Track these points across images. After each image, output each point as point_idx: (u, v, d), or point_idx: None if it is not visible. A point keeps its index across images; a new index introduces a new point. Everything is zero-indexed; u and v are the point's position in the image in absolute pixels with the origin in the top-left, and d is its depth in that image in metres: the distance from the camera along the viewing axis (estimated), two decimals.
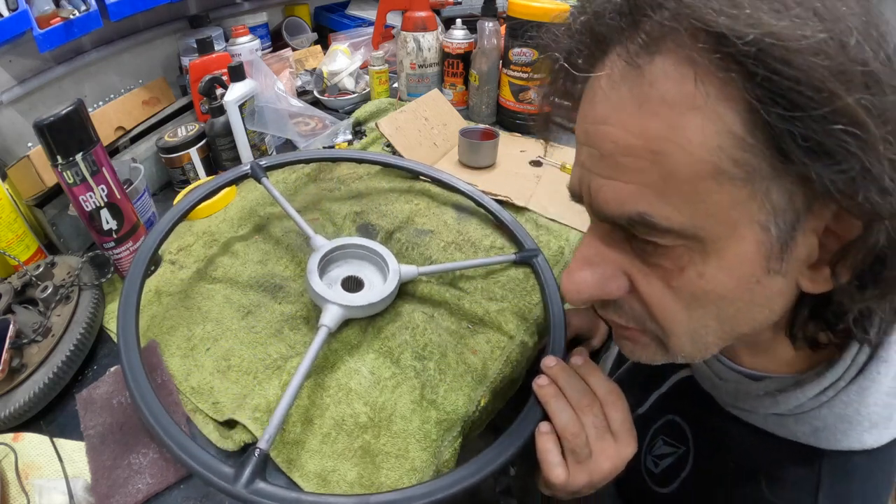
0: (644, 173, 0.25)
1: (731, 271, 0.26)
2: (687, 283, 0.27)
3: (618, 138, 0.25)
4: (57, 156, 0.52)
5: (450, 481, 0.40)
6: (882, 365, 0.32)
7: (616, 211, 0.27)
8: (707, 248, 0.26)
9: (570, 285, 0.31)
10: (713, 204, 0.24)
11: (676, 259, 0.27)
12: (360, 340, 0.58)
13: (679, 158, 0.23)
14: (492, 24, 0.98)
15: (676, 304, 0.28)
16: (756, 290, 0.27)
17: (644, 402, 0.51)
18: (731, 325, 0.29)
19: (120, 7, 0.82)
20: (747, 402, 0.37)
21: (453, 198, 0.81)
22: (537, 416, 0.47)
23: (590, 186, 0.28)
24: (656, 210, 0.25)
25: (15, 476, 0.44)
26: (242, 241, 0.72)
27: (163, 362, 0.55)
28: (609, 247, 0.30)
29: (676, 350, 0.31)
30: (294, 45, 1.26)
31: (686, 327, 0.29)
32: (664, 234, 0.26)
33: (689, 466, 0.43)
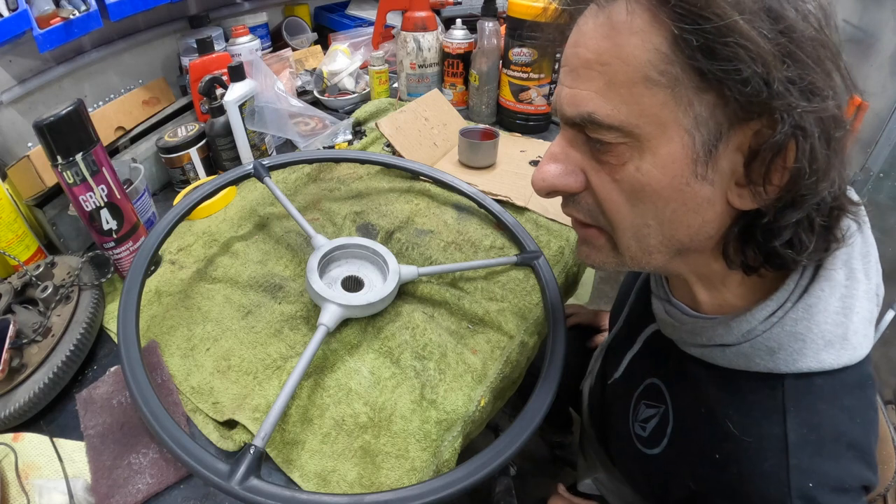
0: (594, 81, 0.32)
1: (663, 169, 0.32)
2: (627, 176, 0.33)
3: (581, 55, 0.33)
4: (57, 156, 0.52)
5: (448, 481, 0.41)
6: (825, 283, 0.35)
7: (573, 111, 0.33)
8: (643, 145, 0.31)
9: (538, 174, 0.37)
10: (645, 105, 0.30)
11: (619, 155, 0.33)
12: (360, 340, 0.58)
13: (618, 69, 0.31)
14: (492, 24, 0.98)
15: (620, 197, 0.34)
16: (686, 192, 0.32)
17: (619, 366, 0.53)
18: (670, 227, 0.34)
19: (120, 7, 0.82)
20: (704, 336, 0.39)
21: (453, 198, 0.81)
22: (537, 416, 0.47)
23: (559, 96, 0.35)
24: (601, 109, 0.32)
25: (15, 476, 0.44)
26: (242, 240, 0.72)
27: (163, 362, 0.55)
28: (571, 147, 0.36)
29: (623, 248, 0.36)
30: (294, 45, 1.26)
31: (630, 222, 0.35)
32: (608, 131, 0.32)
33: (672, 422, 0.44)
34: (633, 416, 0.50)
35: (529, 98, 0.99)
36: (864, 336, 0.35)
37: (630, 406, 0.51)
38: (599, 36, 0.31)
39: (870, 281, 0.36)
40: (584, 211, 0.37)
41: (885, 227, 1.12)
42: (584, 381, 0.77)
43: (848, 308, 0.34)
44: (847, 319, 0.34)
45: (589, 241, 0.39)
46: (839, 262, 0.35)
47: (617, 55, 0.30)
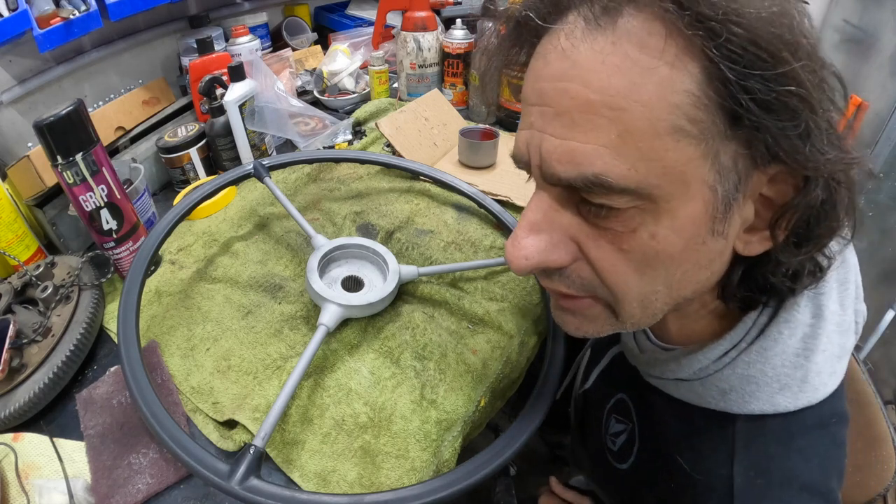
0: (601, 131, 0.24)
1: (681, 232, 0.27)
2: (638, 244, 0.27)
3: (576, 94, 0.25)
4: (57, 156, 0.52)
5: (448, 481, 0.41)
6: (784, 325, 0.32)
7: (571, 173, 0.26)
8: (660, 207, 0.26)
9: (516, 251, 0.29)
10: (669, 161, 0.24)
11: (628, 221, 0.27)
12: (359, 340, 0.58)
13: (638, 115, 0.24)
14: (492, 24, 0.98)
15: (627, 268, 0.28)
16: (701, 251, 0.28)
17: (588, 379, 0.53)
18: (678, 288, 0.30)
19: (120, 7, 0.82)
20: (658, 368, 0.38)
21: (453, 198, 0.81)
22: (537, 416, 0.47)
23: (540, 148, 0.27)
24: (613, 169, 0.25)
25: (15, 476, 0.44)
26: (242, 240, 0.72)
27: (163, 362, 0.55)
28: (557, 211, 0.29)
29: (626, 316, 0.31)
30: (294, 45, 1.26)
31: (637, 291, 0.29)
32: (619, 195, 0.25)
33: (637, 441, 0.44)
34: (605, 428, 0.50)
35: None
36: (829, 374, 0.33)
37: (602, 418, 0.50)
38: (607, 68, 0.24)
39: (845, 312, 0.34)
40: (575, 284, 0.31)
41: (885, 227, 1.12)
42: None
43: (810, 349, 0.32)
44: (808, 361, 0.32)
45: (579, 312, 0.33)
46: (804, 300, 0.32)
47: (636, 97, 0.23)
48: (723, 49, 0.22)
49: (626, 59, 0.24)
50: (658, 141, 0.24)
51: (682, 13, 0.22)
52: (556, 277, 0.31)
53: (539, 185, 0.30)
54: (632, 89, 0.23)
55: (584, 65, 0.25)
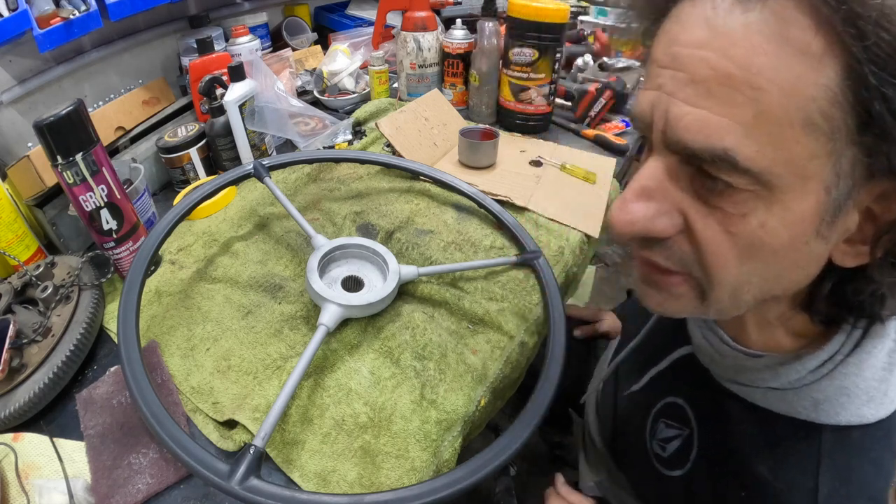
0: (738, 108, 0.24)
1: (790, 226, 0.26)
2: (746, 230, 0.27)
3: (717, 65, 0.24)
4: (57, 156, 0.52)
5: (448, 481, 0.41)
6: (877, 339, 0.33)
7: (699, 143, 0.25)
8: (775, 197, 0.25)
9: (622, 216, 0.29)
10: (795, 153, 0.24)
11: (741, 204, 0.26)
12: (359, 340, 0.58)
13: (776, 99, 0.23)
14: (492, 24, 0.98)
15: (731, 252, 0.28)
16: (803, 251, 0.27)
17: (640, 380, 0.51)
18: (771, 284, 0.30)
19: (120, 7, 0.82)
20: (747, 376, 0.37)
21: (453, 198, 0.81)
22: (537, 416, 0.47)
23: (668, 112, 0.26)
24: (742, 149, 0.24)
25: (15, 476, 0.44)
26: (242, 240, 0.72)
27: (163, 362, 0.55)
28: (670, 181, 0.28)
29: (714, 301, 0.30)
30: (294, 45, 1.26)
31: (733, 278, 0.29)
32: (741, 175, 0.25)
33: (696, 448, 0.43)
34: (650, 433, 0.49)
35: (529, 98, 0.99)
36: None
37: (647, 422, 0.49)
38: (752, 46, 0.23)
39: None
40: (672, 258, 0.30)
41: None
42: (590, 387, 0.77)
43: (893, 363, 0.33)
44: (891, 375, 0.33)
45: (665, 288, 0.33)
46: None
47: (777, 81, 0.23)
48: (870, 52, 0.22)
49: (773, 40, 0.23)
50: (789, 130, 0.24)
51: (838, 7, 0.22)
52: (656, 248, 0.31)
53: (656, 150, 0.29)
54: (774, 72, 0.23)
55: (728, 37, 0.24)
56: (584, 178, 0.88)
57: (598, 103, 1.06)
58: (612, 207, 0.30)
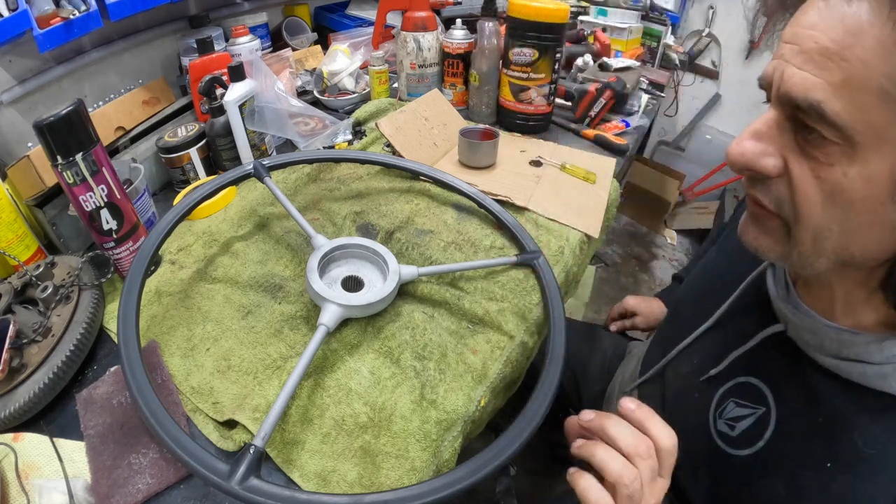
0: (829, 72, 0.31)
1: (868, 181, 0.32)
2: (832, 177, 0.33)
3: (818, 40, 0.31)
4: (57, 156, 0.52)
5: (448, 481, 0.41)
6: None
7: (799, 95, 0.32)
8: (856, 153, 0.31)
9: (736, 148, 0.36)
10: (872, 116, 0.30)
11: (829, 155, 0.32)
12: (359, 340, 0.58)
13: (858, 70, 0.30)
14: (492, 24, 0.98)
15: (817, 194, 0.34)
16: (879, 211, 0.32)
17: (721, 362, 0.52)
18: (849, 238, 0.34)
19: (120, 7, 0.82)
20: (853, 350, 0.39)
21: (453, 198, 0.81)
22: (537, 416, 0.47)
23: (783, 73, 0.34)
24: (830, 104, 0.31)
25: (15, 476, 0.44)
26: (242, 240, 0.72)
27: (163, 362, 0.55)
28: (778, 129, 0.35)
29: (798, 242, 0.36)
30: (294, 45, 1.26)
31: (816, 221, 0.35)
32: (829, 127, 0.31)
33: (773, 425, 0.44)
34: (714, 412, 0.50)
35: (529, 98, 0.99)
36: None
37: (711, 402, 0.51)
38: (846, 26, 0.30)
39: None
40: (771, 197, 0.37)
41: None
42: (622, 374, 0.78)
43: None
44: None
45: (762, 221, 0.39)
46: None
47: (860, 56, 0.30)
48: None
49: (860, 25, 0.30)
50: (868, 96, 0.30)
51: None
52: (759, 187, 0.38)
53: (772, 105, 0.36)
54: (858, 50, 0.29)
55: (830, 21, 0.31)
56: (584, 178, 0.88)
57: (598, 103, 1.07)
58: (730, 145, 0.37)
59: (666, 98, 1.78)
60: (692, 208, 2.28)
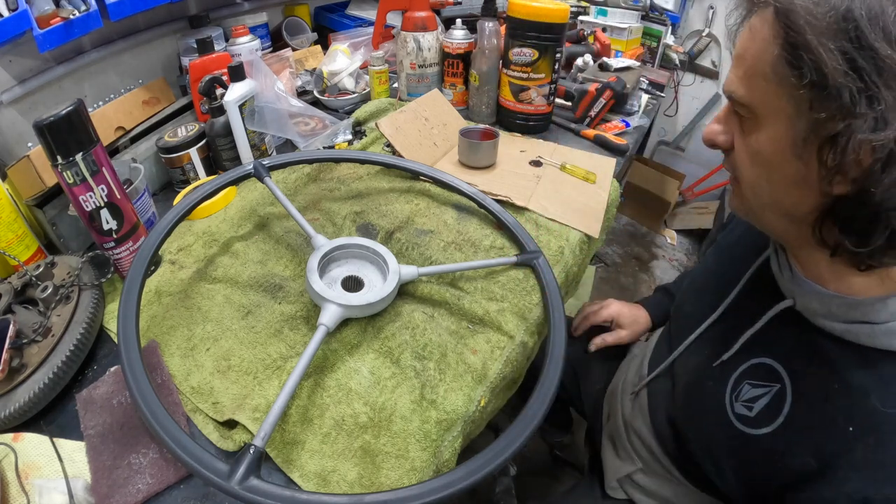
0: (738, 69, 0.42)
1: (771, 143, 0.41)
2: (750, 141, 0.43)
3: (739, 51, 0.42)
4: (57, 156, 0.52)
5: (448, 481, 0.41)
6: None
7: (727, 89, 0.43)
8: (760, 122, 0.41)
9: (706, 130, 0.48)
10: (763, 92, 0.40)
11: (748, 126, 0.43)
12: (359, 340, 0.58)
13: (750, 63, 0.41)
14: (492, 24, 0.98)
15: (744, 156, 0.44)
16: (787, 165, 0.40)
17: (731, 347, 0.54)
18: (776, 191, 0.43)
19: (120, 7, 0.82)
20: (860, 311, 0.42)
21: (453, 198, 0.81)
22: (537, 416, 0.47)
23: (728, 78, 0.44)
24: (738, 91, 0.42)
25: (15, 476, 0.45)
26: (242, 240, 0.72)
27: (163, 362, 0.55)
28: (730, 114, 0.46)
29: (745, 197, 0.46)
30: (294, 45, 1.26)
31: (748, 175, 0.45)
32: (742, 106, 0.42)
33: (790, 400, 0.47)
34: (730, 396, 0.52)
35: (529, 98, 0.99)
36: None
37: (726, 387, 0.53)
38: (747, 37, 0.41)
39: None
40: (729, 165, 0.47)
41: None
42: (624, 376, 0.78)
43: None
44: None
45: (733, 187, 0.49)
46: None
47: (752, 53, 0.40)
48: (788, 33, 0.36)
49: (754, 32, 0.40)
50: (758, 79, 0.40)
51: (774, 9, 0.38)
52: (726, 160, 0.48)
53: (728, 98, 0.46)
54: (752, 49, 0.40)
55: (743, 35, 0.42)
56: (583, 178, 0.88)
57: (598, 103, 1.07)
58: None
59: (666, 98, 1.77)
60: (692, 208, 2.28)
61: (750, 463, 0.49)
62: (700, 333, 0.61)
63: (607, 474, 0.75)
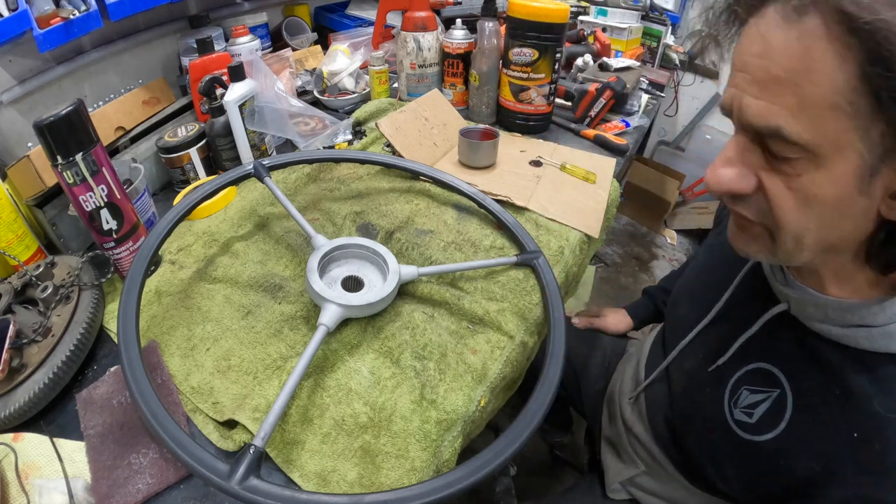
0: (784, 98, 0.33)
1: (834, 184, 0.34)
2: (802, 186, 0.35)
3: (769, 69, 0.33)
4: (57, 156, 0.52)
5: (448, 481, 0.41)
6: None
7: (760, 122, 0.35)
8: (820, 161, 0.34)
9: (713, 178, 0.39)
10: (829, 128, 0.32)
11: (797, 166, 0.35)
12: (359, 340, 0.58)
13: (810, 92, 0.32)
14: (492, 24, 0.98)
15: (791, 203, 0.36)
16: (849, 203, 0.35)
17: (726, 351, 0.53)
18: (826, 231, 0.37)
19: (120, 7, 0.82)
20: (856, 314, 0.41)
21: (453, 198, 0.81)
22: (537, 416, 0.47)
23: (741, 103, 0.36)
24: (790, 127, 0.33)
25: (15, 476, 0.44)
26: (242, 240, 0.72)
27: (163, 362, 0.55)
28: (746, 151, 0.38)
29: (780, 244, 0.39)
30: (294, 45, 1.26)
31: (795, 224, 0.37)
32: (791, 146, 0.34)
33: (791, 405, 0.45)
34: (729, 403, 0.51)
35: (529, 98, 0.99)
36: None
37: (724, 393, 0.52)
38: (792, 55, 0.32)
39: None
40: (752, 210, 0.40)
41: None
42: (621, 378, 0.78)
43: None
44: None
45: (747, 230, 0.42)
46: None
47: (810, 79, 0.32)
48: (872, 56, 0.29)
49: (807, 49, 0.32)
50: (822, 112, 0.32)
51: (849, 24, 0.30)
52: (740, 203, 0.40)
53: (736, 130, 0.39)
54: (807, 74, 0.32)
55: (776, 48, 0.33)
56: (584, 178, 0.88)
57: (598, 103, 1.07)
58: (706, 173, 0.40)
59: (666, 98, 1.77)
60: (692, 208, 2.28)
61: (753, 469, 0.48)
62: (693, 336, 0.60)
63: (609, 476, 0.75)
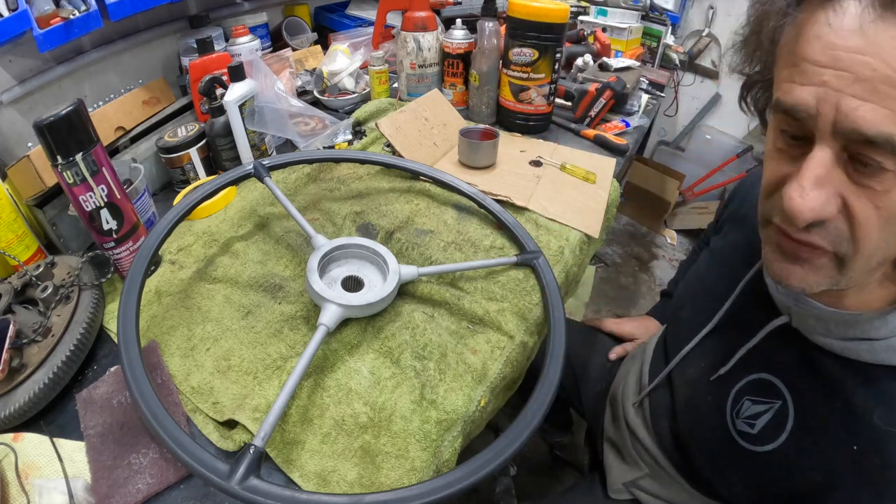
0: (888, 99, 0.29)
1: None
2: (890, 204, 0.32)
3: (878, 68, 0.29)
4: (57, 156, 0.52)
5: (448, 481, 0.41)
6: None
7: (871, 130, 0.30)
8: None
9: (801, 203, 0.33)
10: None
11: (885, 182, 0.31)
12: (359, 340, 0.58)
13: None
14: (492, 24, 0.98)
15: (876, 223, 0.33)
16: None
17: (728, 361, 0.52)
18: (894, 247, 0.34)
19: (120, 7, 0.82)
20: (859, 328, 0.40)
21: (453, 198, 0.81)
22: (537, 416, 0.47)
23: (839, 105, 0.31)
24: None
25: (15, 476, 0.44)
26: (242, 240, 0.72)
27: (163, 362, 0.55)
28: (834, 168, 0.33)
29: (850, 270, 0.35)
30: (294, 45, 1.26)
31: (873, 246, 0.34)
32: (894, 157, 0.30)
33: (792, 417, 0.45)
34: (731, 413, 0.50)
35: (529, 98, 0.99)
36: None
37: (726, 403, 0.51)
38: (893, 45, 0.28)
39: None
40: (829, 237, 0.35)
41: None
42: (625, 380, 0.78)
43: None
44: None
45: (809, 262, 0.37)
46: None
47: None
48: None
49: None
50: None
51: None
52: (816, 230, 0.35)
53: (821, 140, 0.33)
54: None
55: (881, 45, 0.29)
56: (583, 178, 0.88)
57: (598, 103, 1.07)
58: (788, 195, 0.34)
59: (666, 98, 1.77)
60: (692, 208, 2.28)
61: (756, 478, 0.48)
62: (695, 345, 0.60)
63: (611, 478, 0.75)
